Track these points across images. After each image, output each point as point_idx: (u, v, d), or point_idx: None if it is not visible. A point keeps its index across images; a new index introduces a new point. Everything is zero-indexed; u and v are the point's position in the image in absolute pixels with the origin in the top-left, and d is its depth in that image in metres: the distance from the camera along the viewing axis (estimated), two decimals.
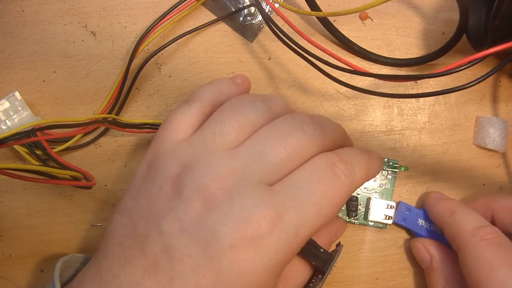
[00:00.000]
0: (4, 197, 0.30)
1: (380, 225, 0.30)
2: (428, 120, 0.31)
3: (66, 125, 0.27)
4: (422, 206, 0.30)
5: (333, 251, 0.24)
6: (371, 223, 0.30)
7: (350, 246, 0.30)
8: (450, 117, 0.31)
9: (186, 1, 0.30)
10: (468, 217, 0.26)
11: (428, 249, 0.28)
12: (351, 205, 0.30)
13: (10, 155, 0.30)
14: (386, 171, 0.30)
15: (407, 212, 0.29)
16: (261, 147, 0.21)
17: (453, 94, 0.31)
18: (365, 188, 0.30)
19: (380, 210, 0.29)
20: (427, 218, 0.29)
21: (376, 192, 0.30)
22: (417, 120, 0.31)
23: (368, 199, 0.30)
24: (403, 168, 0.30)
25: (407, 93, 0.31)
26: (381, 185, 0.30)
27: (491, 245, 0.24)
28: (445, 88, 0.23)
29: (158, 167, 0.21)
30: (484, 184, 0.31)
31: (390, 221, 0.29)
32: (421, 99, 0.31)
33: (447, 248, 0.28)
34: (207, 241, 0.19)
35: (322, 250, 0.24)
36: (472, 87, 0.31)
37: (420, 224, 0.29)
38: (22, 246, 0.30)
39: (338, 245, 0.26)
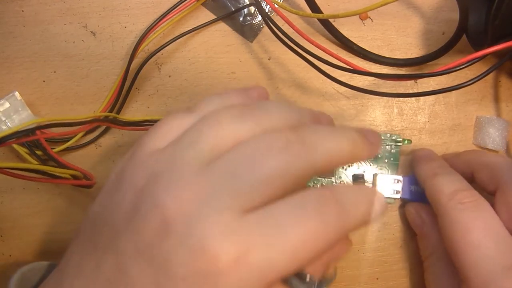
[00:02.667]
0: (4, 197, 0.30)
1: (388, 200, 0.30)
2: (428, 120, 0.31)
3: (66, 123, 0.27)
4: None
5: (322, 279, 0.20)
6: None
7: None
8: (450, 117, 0.31)
9: (186, 1, 0.30)
10: (448, 180, 0.26)
11: (421, 214, 0.28)
12: (358, 182, 0.30)
13: (10, 155, 0.30)
14: (389, 146, 0.30)
15: (397, 183, 0.29)
16: (235, 166, 0.18)
17: (453, 94, 0.31)
18: (371, 165, 0.30)
19: (388, 186, 0.29)
20: (416, 181, 0.29)
21: (382, 168, 0.30)
22: (417, 120, 0.31)
23: (374, 175, 0.30)
24: (406, 142, 0.30)
25: (407, 92, 0.31)
26: (386, 161, 0.30)
27: (467, 209, 0.24)
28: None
29: (127, 173, 0.20)
30: None
31: (398, 196, 0.29)
32: (421, 99, 0.31)
33: None
34: (160, 269, 0.17)
35: (307, 280, 0.19)
36: (472, 87, 0.31)
37: (412, 190, 0.29)
38: (22, 246, 0.30)
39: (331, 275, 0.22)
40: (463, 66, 0.23)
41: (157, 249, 0.17)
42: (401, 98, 0.31)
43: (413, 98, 0.31)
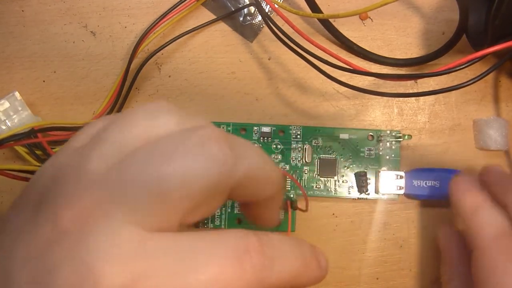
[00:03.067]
0: (4, 197, 0.30)
1: (392, 196, 0.30)
2: (428, 120, 0.31)
3: (63, 127, 0.27)
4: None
5: None
6: (383, 196, 0.30)
7: (350, 246, 0.30)
8: (450, 117, 0.31)
9: (186, 1, 0.30)
10: (494, 218, 0.24)
11: (452, 241, 0.28)
12: (361, 180, 0.30)
13: (10, 155, 0.30)
14: (389, 142, 0.30)
15: (400, 179, 0.30)
16: (141, 169, 0.15)
17: (453, 94, 0.31)
18: (372, 161, 0.30)
19: (390, 182, 0.30)
20: (418, 176, 0.29)
21: (383, 165, 0.30)
22: (417, 120, 0.31)
23: (377, 172, 0.30)
24: (406, 137, 0.30)
25: (407, 92, 0.31)
26: (387, 157, 0.30)
27: (509, 261, 0.22)
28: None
29: (40, 171, 0.18)
30: None
31: (402, 191, 0.29)
32: (421, 99, 0.31)
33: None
34: (41, 281, 0.15)
35: None
36: (472, 87, 0.31)
37: (415, 185, 0.29)
38: None
39: None
40: (463, 66, 0.23)
41: (45, 258, 0.15)
42: (401, 98, 0.31)
43: (413, 98, 0.31)
